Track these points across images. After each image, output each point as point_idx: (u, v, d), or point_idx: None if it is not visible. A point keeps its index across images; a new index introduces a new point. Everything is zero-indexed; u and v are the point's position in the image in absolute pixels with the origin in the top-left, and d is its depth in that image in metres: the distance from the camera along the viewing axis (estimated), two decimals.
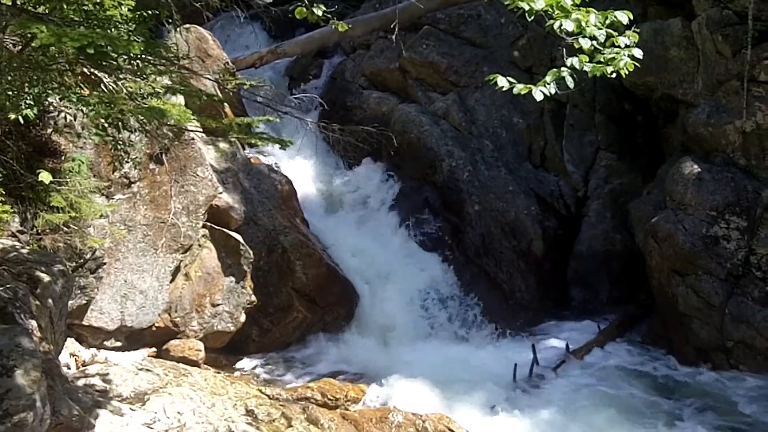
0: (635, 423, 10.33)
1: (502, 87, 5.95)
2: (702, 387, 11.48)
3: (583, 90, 15.28)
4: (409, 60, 15.97)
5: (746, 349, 11.72)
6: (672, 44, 13.74)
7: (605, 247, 14.53)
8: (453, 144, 14.91)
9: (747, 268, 12.01)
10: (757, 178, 12.32)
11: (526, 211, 14.37)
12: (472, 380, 11.35)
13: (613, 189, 14.98)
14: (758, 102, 12.29)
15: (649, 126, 15.23)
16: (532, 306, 13.91)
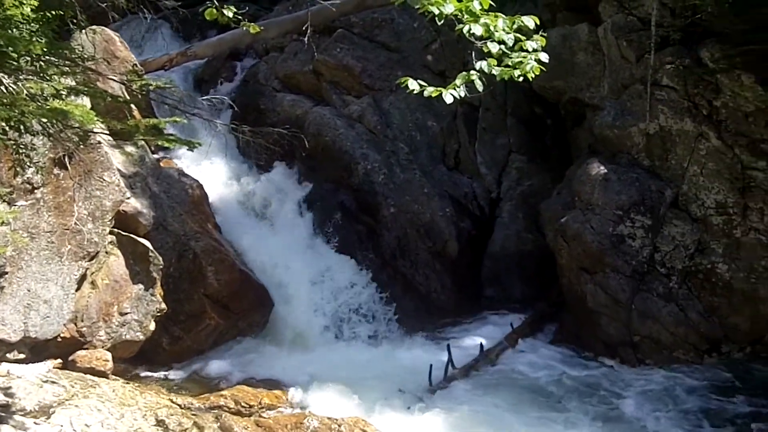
0: (548, 421, 10.73)
1: (413, 90, 6.25)
2: (611, 382, 11.94)
3: (495, 93, 15.86)
4: (323, 63, 16.23)
5: (652, 343, 12.36)
6: (579, 49, 14.41)
7: (518, 247, 15.13)
8: (368, 147, 15.22)
9: (652, 265, 12.68)
10: (661, 178, 13.03)
11: (441, 213, 14.79)
12: (388, 382, 11.60)
13: (524, 190, 15.61)
14: (661, 105, 13.02)
15: (558, 128, 15.93)
16: (448, 306, 14.33)
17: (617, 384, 11.89)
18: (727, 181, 12.58)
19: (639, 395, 11.39)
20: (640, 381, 11.92)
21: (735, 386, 11.60)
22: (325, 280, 13.59)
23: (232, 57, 17.92)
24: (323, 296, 13.37)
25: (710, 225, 12.64)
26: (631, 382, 11.91)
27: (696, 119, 12.78)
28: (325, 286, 13.49)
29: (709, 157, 12.70)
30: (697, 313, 12.36)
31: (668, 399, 11.32)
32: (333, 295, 13.49)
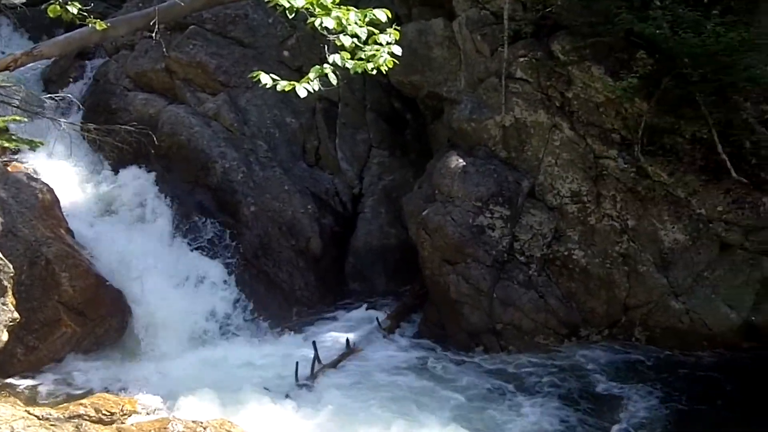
0: (413, 413, 10.98)
1: (266, 84, 6.40)
2: (476, 371, 12.45)
3: (354, 89, 16.30)
4: (176, 60, 16.17)
5: (515, 330, 12.97)
6: (435, 44, 15.03)
7: (381, 242, 15.58)
8: (226, 145, 15.28)
9: (511, 254, 13.35)
10: (518, 169, 13.76)
11: (302, 210, 15.02)
12: (254, 382, 11.64)
13: (386, 185, 16.09)
14: (515, 98, 13.76)
15: (418, 123, 16.52)
16: (313, 303, 14.54)
17: (482, 373, 12.33)
18: (581, 170, 13.43)
19: (506, 382, 11.88)
20: (505, 368, 12.42)
21: (594, 368, 12.28)
22: (185, 282, 13.50)
23: (82, 56, 17.57)
24: (184, 299, 13.26)
25: (566, 213, 13.42)
26: (496, 370, 12.37)
27: (549, 111, 13.58)
28: (186, 289, 13.40)
29: (563, 148, 13.51)
30: (556, 299, 13.09)
31: (533, 383, 11.89)
32: (194, 297, 13.41)
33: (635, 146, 12.97)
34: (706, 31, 11.82)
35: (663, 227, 13.07)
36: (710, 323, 12.75)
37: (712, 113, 12.88)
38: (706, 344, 12.81)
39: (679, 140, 13.15)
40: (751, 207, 12.88)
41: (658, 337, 13.02)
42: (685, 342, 12.84)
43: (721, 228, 13.00)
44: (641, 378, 11.81)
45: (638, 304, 13.06)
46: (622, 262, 13.11)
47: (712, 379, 11.87)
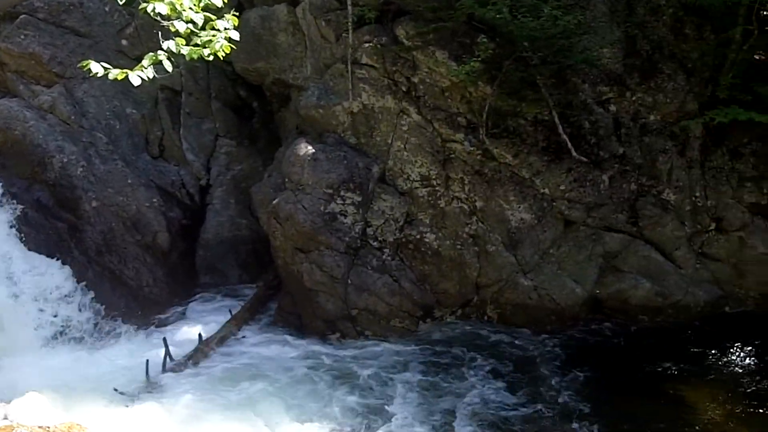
0: (273, 403, 11.26)
1: (97, 73, 6.28)
2: (334, 358, 12.86)
3: (197, 78, 16.38)
4: (6, 52, 15.74)
5: (370, 315, 13.45)
6: (279, 30, 15.32)
7: (232, 233, 15.79)
8: (63, 139, 15.02)
9: (365, 239, 13.86)
10: (367, 155, 14.28)
11: (148, 204, 15.00)
12: (102, 382, 11.51)
13: (235, 175, 16.30)
14: (362, 83, 14.24)
15: (265, 111, 16.78)
16: (162, 299, 14.54)
17: (342, 358, 12.72)
18: (429, 154, 14.10)
19: (362, 368, 12.33)
20: (361, 353, 12.92)
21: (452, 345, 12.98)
22: (23, 283, 13.23)
23: None
24: (24, 300, 13.00)
25: (416, 197, 14.06)
26: (354, 355, 12.83)
27: (396, 96, 14.13)
28: (25, 290, 13.13)
29: (411, 132, 14.13)
30: (410, 282, 13.71)
31: (394, 365, 12.36)
32: (35, 298, 13.13)
33: (480, 129, 13.67)
34: (544, 14, 12.63)
35: (510, 207, 13.88)
36: (557, 298, 13.65)
37: (552, 95, 13.77)
38: (554, 319, 13.68)
39: (522, 122, 13.97)
40: (592, 185, 13.87)
41: (509, 314, 13.81)
42: (535, 317, 13.69)
43: (565, 206, 13.92)
44: (489, 354, 12.51)
45: (489, 283, 13.79)
46: (472, 243, 13.81)
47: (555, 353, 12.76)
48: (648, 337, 13.48)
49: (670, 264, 14.13)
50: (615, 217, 14.01)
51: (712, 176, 14.44)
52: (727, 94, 14.01)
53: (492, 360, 12.34)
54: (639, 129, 14.23)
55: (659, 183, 14.18)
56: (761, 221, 14.40)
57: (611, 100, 14.26)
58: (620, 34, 14.15)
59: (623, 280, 13.94)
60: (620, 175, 14.03)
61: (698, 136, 14.34)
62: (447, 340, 13.05)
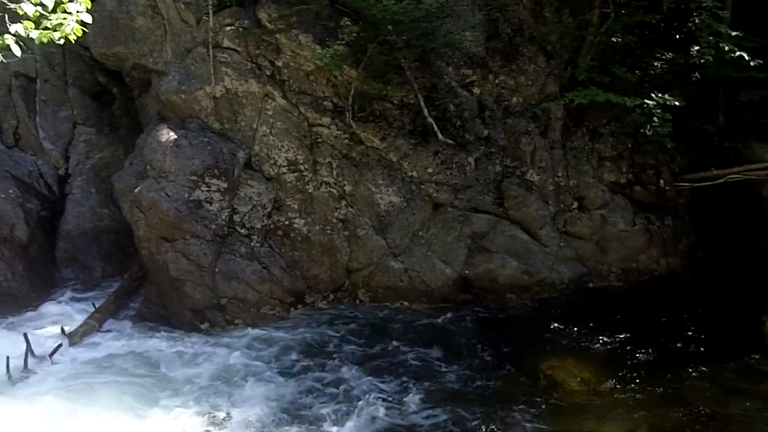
0: (133, 400, 11.21)
1: None
2: (199, 349, 12.94)
3: (53, 64, 16.14)
4: None
5: (240, 303, 13.60)
6: (138, 13, 15.27)
7: (93, 224, 15.65)
8: None
9: (232, 227, 14.00)
10: (232, 140, 14.44)
11: (3, 195, 14.65)
12: None
13: (95, 164, 16.15)
14: (224, 67, 14.39)
15: (125, 97, 16.67)
16: (22, 294, 14.22)
17: (209, 348, 12.84)
18: (296, 139, 14.39)
19: (232, 356, 12.51)
20: (230, 342, 13.11)
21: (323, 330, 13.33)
22: None
23: None
24: None
25: (284, 183, 14.33)
26: (222, 344, 12.99)
27: (260, 80, 14.35)
28: None
29: (277, 117, 14.38)
30: (280, 269, 13.98)
31: (262, 353, 12.58)
32: None
33: (347, 113, 14.04)
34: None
35: (378, 191, 14.33)
36: (428, 279, 14.19)
37: (417, 78, 14.27)
38: (425, 300, 14.23)
39: (388, 106, 14.43)
40: (458, 167, 14.46)
41: (380, 296, 14.27)
42: (406, 299, 14.25)
43: (433, 188, 14.46)
44: (359, 337, 13.01)
45: (360, 267, 14.21)
46: (342, 228, 14.20)
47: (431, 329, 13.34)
48: (515, 314, 14.15)
49: (535, 243, 14.84)
50: (482, 199, 14.64)
51: (573, 156, 15.23)
52: (586, 76, 14.78)
53: (362, 342, 12.76)
54: (502, 111, 14.91)
55: (523, 164, 14.87)
56: (621, 199, 15.33)
57: (475, 83, 14.85)
58: (482, 18, 14.77)
59: (491, 259, 14.57)
60: (485, 157, 14.65)
61: (559, 118, 15.10)
62: (318, 326, 13.35)
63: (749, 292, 14.38)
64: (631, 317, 13.87)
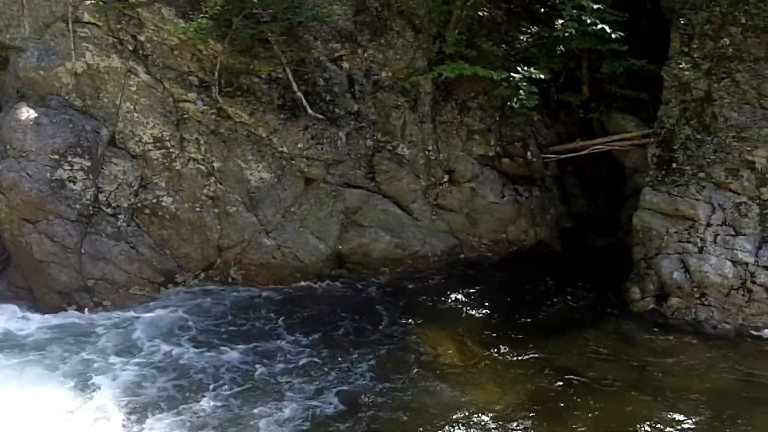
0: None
1: None
2: (64, 333, 12.97)
3: None
4: None
5: (108, 284, 13.68)
6: None
7: None
8: None
9: (97, 206, 14.03)
10: (95, 117, 14.43)
11: None
12: None
13: None
14: (86, 43, 14.34)
15: None
16: None
17: (76, 330, 12.91)
18: (161, 115, 14.52)
19: (101, 337, 12.61)
20: (97, 323, 13.20)
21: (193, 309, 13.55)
22: None
23: None
24: None
25: (150, 160, 14.45)
26: (89, 326, 13.08)
27: (123, 55, 14.40)
28: None
29: (141, 93, 14.47)
30: (149, 248, 14.13)
31: (129, 335, 12.74)
32: None
33: (213, 88, 14.28)
34: None
35: (248, 167, 14.65)
36: (301, 256, 14.62)
37: (284, 52, 14.62)
38: (299, 276, 14.64)
39: (256, 80, 14.73)
40: (329, 142, 14.92)
41: (253, 274, 14.59)
42: (280, 276, 14.61)
43: (304, 164, 14.86)
44: (230, 315, 13.30)
45: (231, 245, 14.50)
46: (212, 205, 14.45)
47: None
48: (389, 287, 14.73)
49: (408, 216, 15.46)
50: (353, 173, 15.14)
51: (443, 130, 15.92)
52: (454, 50, 15.44)
53: (231, 320, 13.08)
54: (372, 86, 15.40)
55: (394, 138, 15.44)
56: (490, 172, 16.12)
57: (344, 57, 15.30)
58: None
59: (364, 234, 15.10)
60: (356, 132, 15.15)
61: (428, 92, 15.72)
62: (187, 306, 13.56)
63: (614, 260, 15.25)
64: (502, 287, 14.63)
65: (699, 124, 14.17)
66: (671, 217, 13.92)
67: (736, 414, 10.30)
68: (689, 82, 14.22)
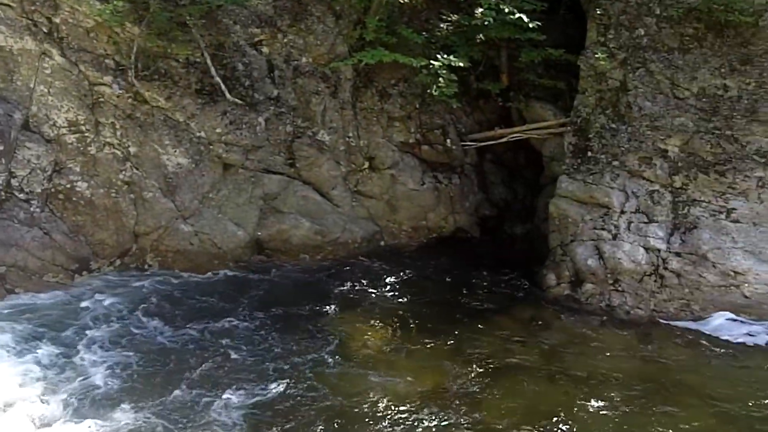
0: None
1: None
2: None
3: None
4: None
5: (20, 271, 13.47)
6: None
7: None
8: None
9: (9, 191, 13.84)
10: (8, 100, 14.19)
11: None
12: None
13: None
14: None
15: None
16: None
17: None
18: (76, 98, 14.43)
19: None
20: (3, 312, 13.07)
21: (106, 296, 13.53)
22: None
23: None
24: None
25: (65, 144, 14.35)
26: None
27: (37, 37, 14.24)
28: None
29: (56, 76, 14.35)
30: (63, 234, 14.04)
31: (42, 323, 12.58)
32: None
33: (129, 72, 14.26)
34: None
35: (165, 152, 14.69)
36: (219, 242, 14.74)
37: (203, 36, 14.68)
38: (216, 263, 14.74)
39: (174, 64, 14.77)
40: (248, 127, 15.05)
41: (170, 261, 14.63)
42: (197, 263, 14.67)
43: (222, 149, 14.97)
44: (141, 301, 13.29)
45: (148, 231, 14.54)
46: (128, 190, 14.45)
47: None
48: (308, 274, 14.93)
49: (328, 203, 15.70)
50: (273, 159, 15.29)
51: (363, 117, 16.17)
52: (374, 36, 15.69)
53: (146, 308, 13.03)
54: (292, 71, 15.57)
55: (314, 124, 15.64)
56: (410, 159, 16.46)
57: (263, 42, 15.42)
58: None
59: (284, 220, 15.27)
60: (276, 117, 15.29)
61: (349, 78, 15.94)
62: (101, 292, 13.50)
63: (531, 247, 15.73)
64: (421, 274, 14.96)
65: (614, 114, 14.65)
66: (586, 204, 14.36)
67: (646, 397, 10.73)
68: (605, 72, 14.69)
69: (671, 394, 10.87)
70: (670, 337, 12.74)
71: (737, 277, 13.19)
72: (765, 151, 13.72)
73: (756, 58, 13.99)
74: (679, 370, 11.57)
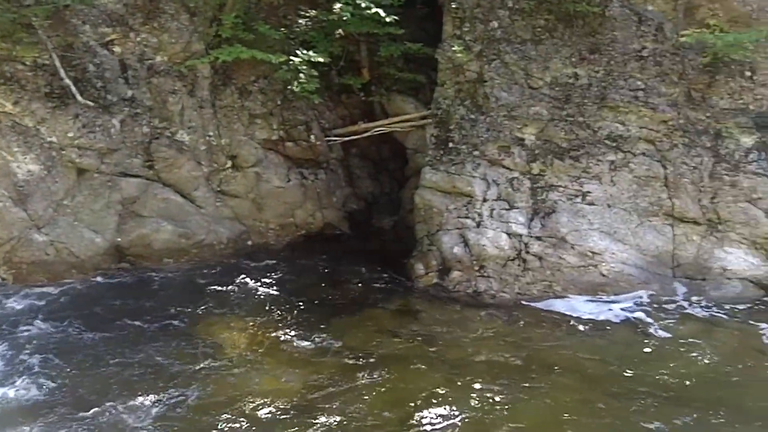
0: None
1: None
2: None
3: None
4: None
5: None
6: None
7: None
8: None
9: None
10: None
11: None
12: None
13: None
14: None
15: None
16: None
17: None
18: None
19: None
20: None
21: None
22: None
23: None
24: None
25: None
26: None
27: None
28: None
29: None
30: None
31: None
32: None
33: None
34: None
35: (15, 159, 14.27)
36: (76, 251, 14.44)
37: (50, 38, 14.33)
38: (75, 272, 14.41)
39: (20, 67, 14.36)
40: (102, 130, 14.78)
41: (25, 273, 14.21)
42: (55, 273, 14.33)
43: (75, 154, 14.66)
44: None
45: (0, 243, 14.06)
46: None
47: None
48: (174, 279, 14.75)
49: (190, 204, 15.56)
50: (130, 162, 15.06)
51: (224, 115, 16.08)
52: (231, 33, 15.60)
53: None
54: (147, 70, 15.35)
55: (172, 124, 15.47)
56: (274, 156, 16.46)
57: (115, 41, 15.17)
58: None
59: (144, 224, 15.08)
60: (131, 119, 15.08)
61: (207, 76, 15.82)
62: None
63: (399, 239, 15.96)
64: (290, 272, 15.00)
65: (472, 105, 15.02)
66: (450, 194, 14.69)
67: (516, 375, 11.13)
68: (462, 64, 15.04)
69: (538, 371, 11.25)
70: (534, 318, 13.15)
71: (594, 257, 13.67)
72: (615, 136, 14.27)
73: (604, 47, 14.55)
74: (545, 349, 11.98)
